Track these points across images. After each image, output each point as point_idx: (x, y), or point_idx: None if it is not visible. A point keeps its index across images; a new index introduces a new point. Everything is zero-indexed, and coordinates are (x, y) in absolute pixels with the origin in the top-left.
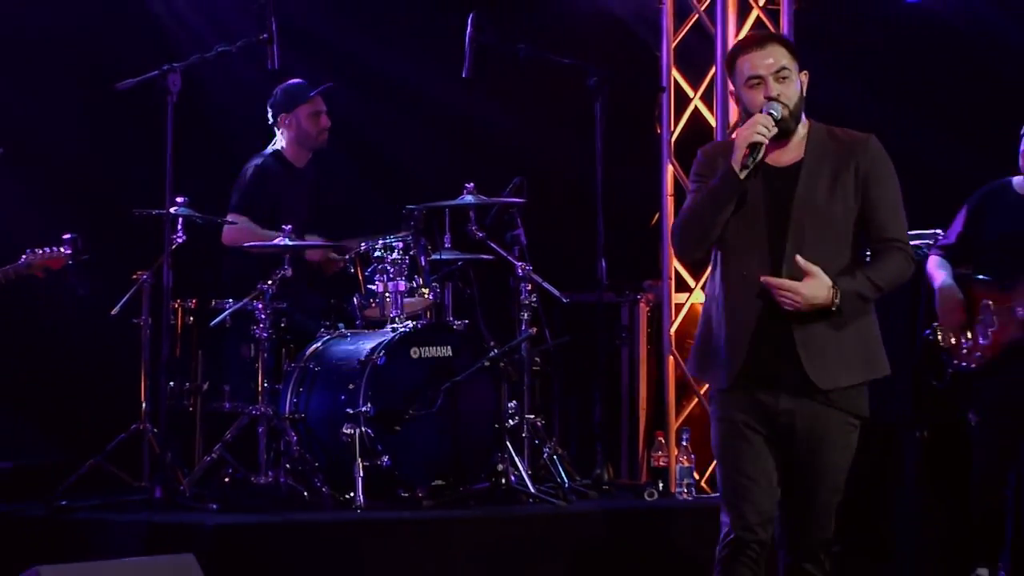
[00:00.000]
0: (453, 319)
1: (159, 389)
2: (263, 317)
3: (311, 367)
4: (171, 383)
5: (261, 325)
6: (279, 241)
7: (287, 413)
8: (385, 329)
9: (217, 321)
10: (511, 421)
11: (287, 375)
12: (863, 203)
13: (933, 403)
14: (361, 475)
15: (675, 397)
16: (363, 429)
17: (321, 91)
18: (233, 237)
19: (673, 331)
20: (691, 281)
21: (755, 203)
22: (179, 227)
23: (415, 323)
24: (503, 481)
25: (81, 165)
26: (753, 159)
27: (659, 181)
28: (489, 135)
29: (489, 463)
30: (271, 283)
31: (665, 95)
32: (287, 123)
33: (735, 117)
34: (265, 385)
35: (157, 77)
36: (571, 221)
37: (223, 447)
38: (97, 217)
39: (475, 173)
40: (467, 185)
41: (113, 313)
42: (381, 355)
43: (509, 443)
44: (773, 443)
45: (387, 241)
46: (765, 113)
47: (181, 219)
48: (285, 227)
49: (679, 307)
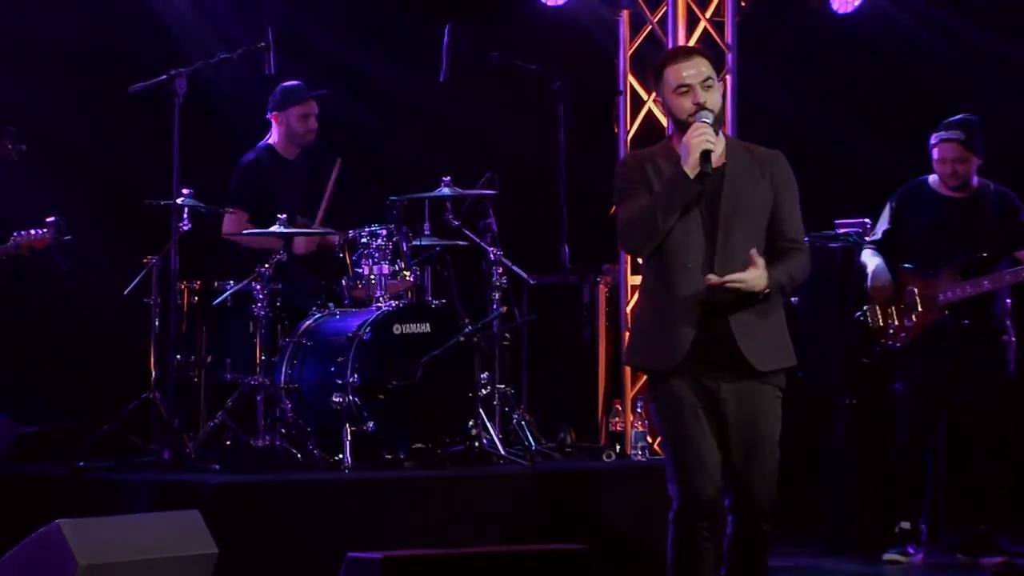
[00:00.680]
0: (431, 299)
1: (167, 362)
2: (261, 297)
3: (304, 342)
4: (178, 356)
5: (259, 304)
6: (274, 228)
7: (282, 383)
8: (370, 308)
9: (219, 301)
10: (483, 390)
11: (282, 349)
12: (773, 208)
13: (862, 376)
14: (349, 439)
15: (631, 369)
16: (351, 398)
17: (314, 96)
18: (230, 231)
19: (629, 309)
20: None
21: (691, 202)
22: (185, 216)
23: (397, 302)
24: (476, 444)
25: (97, 160)
26: (709, 165)
27: None
28: (464, 133)
29: (464, 428)
30: (268, 266)
31: (622, 98)
32: (279, 120)
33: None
34: (262, 358)
35: (165, 81)
36: (537, 211)
37: (225, 414)
38: (111, 207)
39: (451, 167)
40: (444, 178)
41: (125, 293)
42: (367, 331)
43: (482, 410)
44: (715, 420)
45: (373, 229)
46: (700, 122)
47: (187, 209)
48: (280, 216)
49: (634, 288)
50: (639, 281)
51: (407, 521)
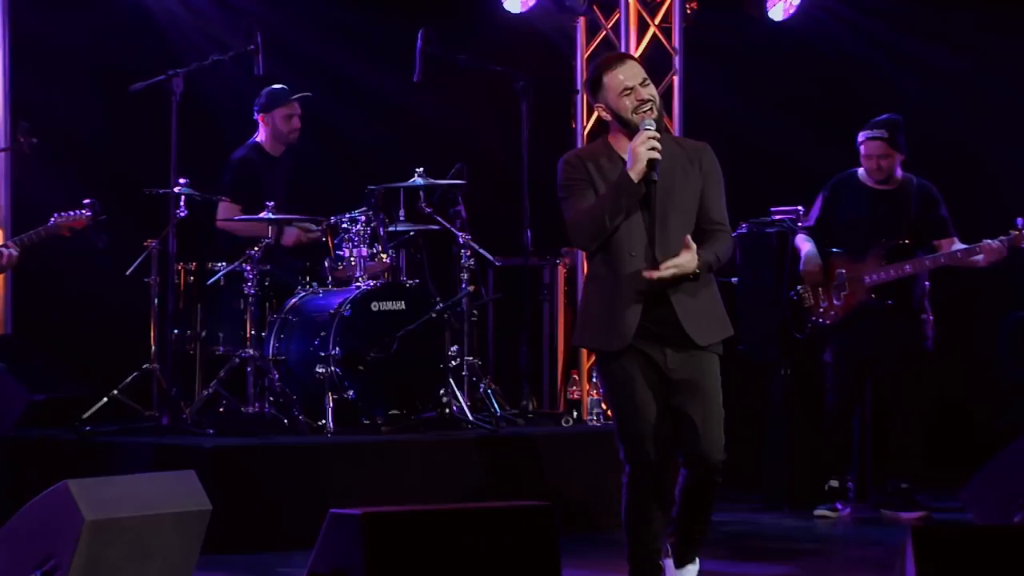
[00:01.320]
0: (406, 279)
1: (165, 336)
2: (251, 277)
3: (290, 318)
4: (175, 331)
5: (249, 283)
6: (263, 215)
7: (270, 355)
8: (351, 287)
9: (213, 280)
10: (453, 362)
11: (270, 324)
12: (701, 194)
13: (796, 350)
14: (331, 406)
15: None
16: (332, 368)
17: (298, 98)
18: (225, 221)
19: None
20: None
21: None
22: (181, 203)
23: (375, 282)
24: (447, 411)
25: (101, 152)
26: (655, 173)
27: None
28: (435, 128)
29: (435, 396)
30: (257, 249)
31: (578, 96)
32: (265, 121)
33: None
34: (252, 333)
35: (163, 81)
36: (502, 199)
37: (218, 383)
38: (114, 195)
39: (424, 159)
40: (417, 169)
41: (127, 274)
42: (347, 308)
43: (451, 380)
44: (661, 390)
45: (352, 215)
46: (644, 129)
47: (183, 197)
48: (268, 204)
49: None
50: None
51: (384, 480)
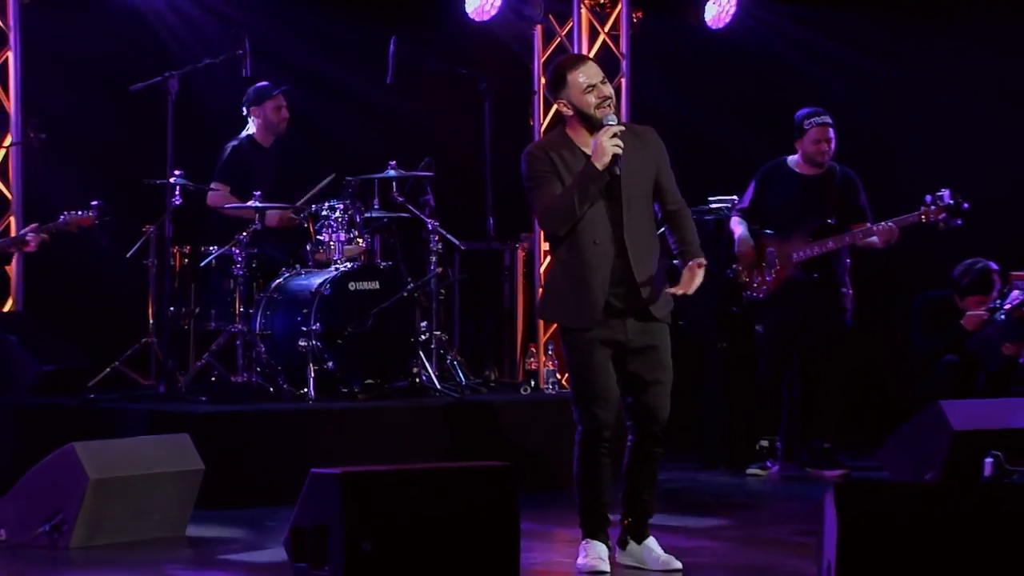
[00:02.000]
0: (380, 261)
1: (162, 312)
2: (240, 259)
3: (275, 296)
4: (171, 308)
5: (238, 265)
6: (251, 203)
7: (257, 330)
8: (330, 268)
9: (205, 262)
10: (423, 336)
11: (257, 302)
12: (657, 176)
13: (731, 324)
14: (312, 376)
15: (544, 321)
16: (314, 342)
17: (282, 91)
18: (215, 202)
19: (542, 271)
20: None
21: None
22: (177, 193)
23: (352, 264)
24: (417, 381)
25: (104, 147)
26: (617, 168)
27: None
28: (406, 125)
29: (407, 367)
30: (245, 234)
31: (536, 96)
32: (256, 114)
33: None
34: (241, 309)
35: (160, 82)
36: (467, 189)
37: (210, 355)
38: (115, 185)
39: (396, 153)
40: (390, 162)
41: (128, 256)
42: (327, 287)
43: (421, 352)
44: (618, 359)
45: (332, 204)
46: (608, 125)
47: (178, 187)
48: (256, 193)
49: (547, 253)
50: (549, 247)
51: (360, 443)
